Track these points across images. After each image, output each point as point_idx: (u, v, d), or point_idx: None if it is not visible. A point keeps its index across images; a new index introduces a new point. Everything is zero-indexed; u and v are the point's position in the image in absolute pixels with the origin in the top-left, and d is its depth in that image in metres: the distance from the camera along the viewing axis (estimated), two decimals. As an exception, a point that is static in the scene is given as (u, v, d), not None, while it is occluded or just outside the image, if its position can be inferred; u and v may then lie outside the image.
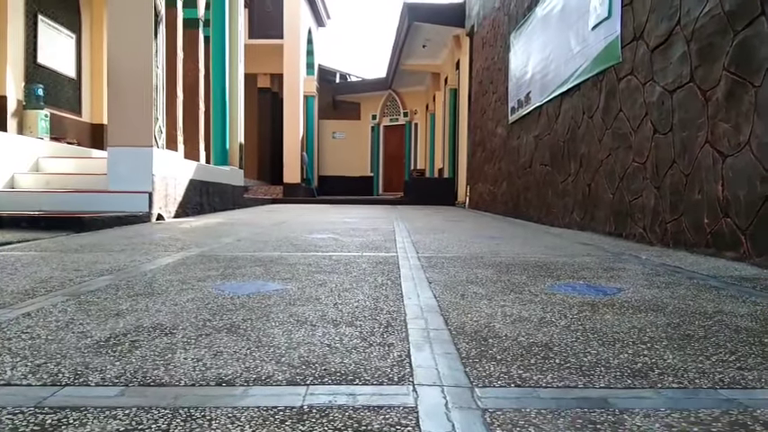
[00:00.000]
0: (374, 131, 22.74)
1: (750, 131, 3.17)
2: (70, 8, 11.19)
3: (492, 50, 9.94)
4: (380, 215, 8.49)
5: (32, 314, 1.86)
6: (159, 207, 6.45)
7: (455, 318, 1.85)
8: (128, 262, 3.07)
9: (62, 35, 10.95)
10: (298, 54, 17.24)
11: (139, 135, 6.29)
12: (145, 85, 6.24)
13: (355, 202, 14.37)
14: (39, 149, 7.51)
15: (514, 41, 8.23)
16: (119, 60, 6.28)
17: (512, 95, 8.37)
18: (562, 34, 6.17)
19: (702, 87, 3.63)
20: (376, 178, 22.80)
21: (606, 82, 5.13)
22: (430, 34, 14.23)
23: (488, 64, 10.24)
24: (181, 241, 4.21)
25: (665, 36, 4.10)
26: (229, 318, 1.81)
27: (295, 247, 3.86)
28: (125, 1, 6.25)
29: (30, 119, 9.71)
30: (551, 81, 6.54)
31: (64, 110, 11.00)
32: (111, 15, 6.37)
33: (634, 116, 4.60)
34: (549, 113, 6.72)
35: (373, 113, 22.64)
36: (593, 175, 5.43)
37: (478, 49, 11.27)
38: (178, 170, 7.09)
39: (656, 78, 4.22)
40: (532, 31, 7.33)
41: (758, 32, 3.13)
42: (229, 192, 9.47)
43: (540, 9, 6.99)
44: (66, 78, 11.11)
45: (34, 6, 10.06)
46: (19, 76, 9.49)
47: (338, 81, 23.09)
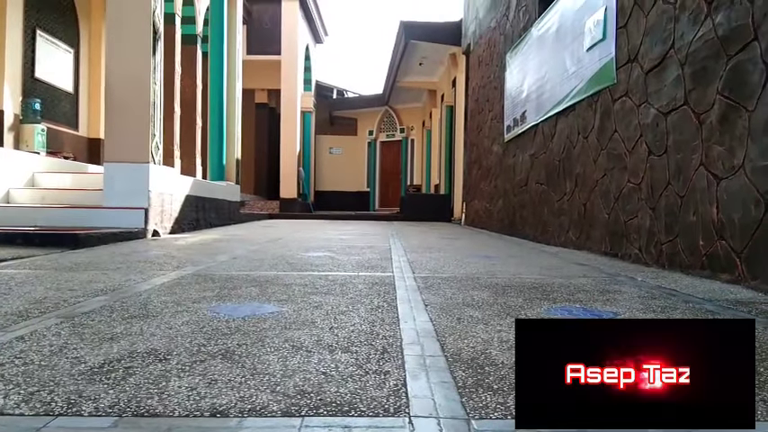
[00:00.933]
0: (371, 147, 22.82)
1: (744, 155, 3.20)
2: (69, 23, 11.25)
3: (488, 69, 10.02)
4: (377, 232, 8.49)
5: (26, 338, 1.84)
6: (155, 223, 6.43)
7: (451, 343, 1.85)
8: (122, 281, 3.06)
9: (60, 50, 10.99)
10: (295, 70, 17.33)
11: (136, 151, 6.29)
12: (142, 101, 6.25)
13: (351, 218, 14.36)
14: (35, 164, 7.50)
15: (510, 61, 8.30)
16: (117, 77, 6.30)
17: (507, 114, 8.42)
18: (558, 54, 6.23)
19: (696, 110, 3.67)
20: (372, 193, 22.83)
21: (601, 103, 5.17)
22: (426, 52, 14.35)
23: (484, 82, 10.32)
24: (176, 259, 4.19)
25: (659, 59, 4.14)
26: (224, 343, 1.80)
27: (291, 266, 3.85)
28: (124, 18, 6.28)
29: (26, 133, 9.71)
30: (547, 100, 6.59)
31: (61, 124, 11.01)
32: (110, 32, 6.40)
33: (629, 137, 4.63)
34: (545, 132, 6.77)
35: (370, 129, 22.73)
36: (588, 195, 5.46)
37: (474, 68, 11.36)
38: (174, 186, 7.08)
39: (651, 100, 4.26)
40: (528, 50, 7.40)
41: (751, 57, 3.17)
42: (225, 207, 9.46)
43: (536, 30, 7.06)
44: (63, 92, 11.13)
45: (33, 21, 10.10)
46: (16, 90, 9.50)
47: (335, 97, 23.21)
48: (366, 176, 22.89)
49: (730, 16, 3.35)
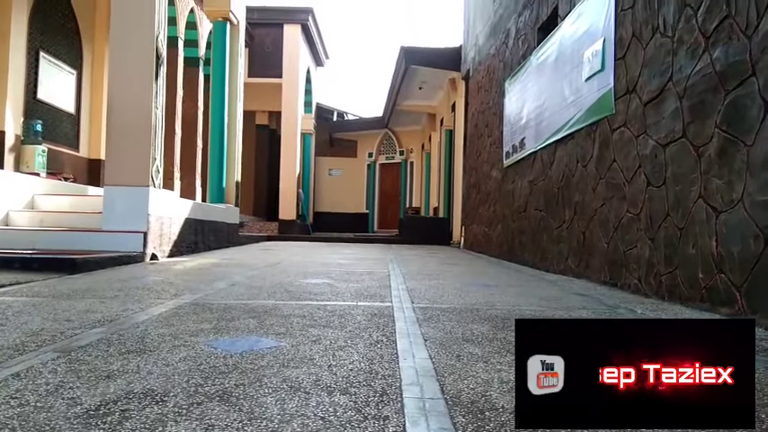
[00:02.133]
0: (370, 169, 22.90)
1: (743, 189, 3.21)
2: (72, 45, 11.34)
3: (487, 95, 10.11)
4: (375, 256, 8.47)
5: (22, 375, 1.83)
6: (153, 247, 6.42)
7: (451, 384, 1.83)
8: (120, 311, 3.04)
9: (63, 71, 11.07)
10: (296, 93, 17.47)
11: (136, 175, 6.31)
12: (144, 125, 6.29)
13: (350, 241, 14.35)
14: (34, 186, 7.51)
15: (509, 88, 8.37)
16: (119, 101, 6.34)
17: (506, 140, 8.47)
18: (556, 83, 6.28)
19: (695, 143, 3.69)
20: (371, 215, 22.85)
21: (600, 132, 5.21)
22: (426, 77, 14.48)
23: (484, 108, 10.39)
24: (174, 286, 4.18)
25: (657, 91, 4.18)
26: (221, 382, 1.78)
27: (289, 295, 3.84)
28: (127, 43, 6.35)
29: (27, 154, 9.74)
30: (546, 128, 6.63)
31: (62, 145, 11.05)
32: (113, 57, 6.46)
33: (627, 167, 4.65)
34: (544, 160, 6.80)
35: (370, 151, 22.84)
36: (587, 223, 5.46)
37: (474, 93, 11.45)
38: (174, 210, 7.09)
39: (649, 132, 4.29)
40: (527, 78, 7.47)
41: (749, 92, 3.19)
42: (224, 230, 9.45)
43: (535, 58, 7.13)
44: (65, 114, 11.18)
45: (37, 44, 10.19)
46: (18, 111, 9.56)
47: (335, 119, 23.36)
48: (365, 198, 22.94)
49: (728, 52, 3.38)
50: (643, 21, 4.43)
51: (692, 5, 3.77)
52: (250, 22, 14.53)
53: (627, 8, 4.71)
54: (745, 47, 3.24)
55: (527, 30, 7.71)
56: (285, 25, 16.93)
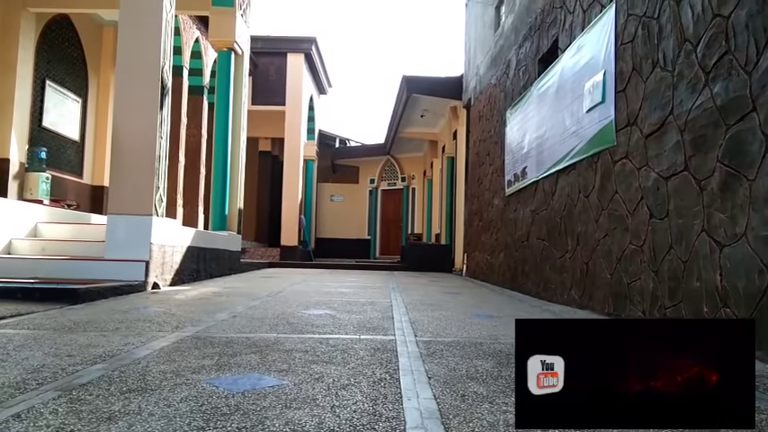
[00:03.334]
0: (372, 195, 22.97)
1: (746, 223, 3.21)
2: (78, 73, 11.50)
3: (488, 124, 10.18)
4: (377, 284, 8.44)
5: (23, 416, 1.81)
6: (155, 275, 6.41)
7: (456, 427, 1.81)
8: (121, 345, 3.02)
9: (68, 99, 11.20)
10: (299, 120, 17.62)
11: (140, 204, 6.33)
12: (148, 155, 6.33)
13: (352, 268, 14.32)
14: (37, 214, 7.53)
15: (510, 117, 8.44)
16: (123, 131, 6.39)
17: (508, 169, 8.50)
18: (557, 114, 6.33)
19: (697, 177, 3.70)
20: (373, 241, 22.84)
21: (601, 164, 5.23)
22: (427, 105, 14.61)
23: (485, 136, 10.46)
24: (175, 317, 4.16)
25: (658, 124, 4.21)
26: (224, 425, 1.76)
27: (292, 327, 3.81)
28: (132, 74, 6.42)
29: (31, 181, 9.80)
30: (547, 158, 6.67)
31: (65, 172, 11.12)
32: (119, 87, 6.53)
33: (630, 199, 4.66)
34: (546, 189, 6.81)
35: (371, 178, 22.93)
36: (590, 254, 5.45)
37: (475, 121, 11.54)
38: (176, 238, 7.09)
39: (651, 164, 4.31)
40: (528, 108, 7.54)
41: (750, 128, 3.22)
42: (226, 257, 9.44)
43: (536, 89, 7.20)
44: (69, 141, 11.29)
45: (43, 73, 10.34)
46: (23, 139, 9.65)
47: (338, 146, 23.50)
48: (367, 224, 22.96)
49: (728, 87, 3.42)
50: (643, 55, 4.49)
51: (691, 41, 3.82)
52: (254, 52, 14.74)
53: (627, 42, 4.78)
54: (746, 82, 3.27)
55: (527, 61, 7.80)
56: (289, 54, 17.16)
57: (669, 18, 4.11)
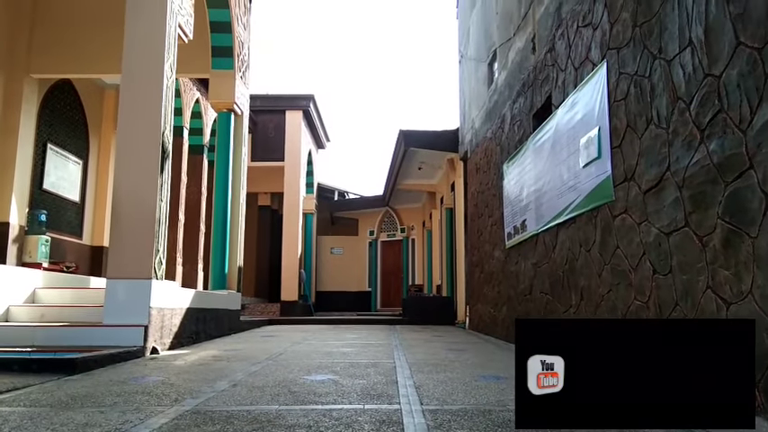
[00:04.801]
0: (372, 247, 22.95)
1: (752, 281, 3.18)
2: (79, 136, 11.67)
3: (486, 176, 10.26)
4: (379, 341, 8.31)
5: None
6: (154, 340, 6.31)
7: None
8: (119, 424, 2.93)
9: (69, 161, 11.32)
10: (298, 175, 17.79)
11: (139, 267, 6.29)
12: (148, 219, 6.34)
13: (353, 322, 14.15)
14: (36, 280, 7.48)
15: (507, 171, 8.51)
16: (123, 194, 6.42)
17: (507, 221, 8.52)
18: (555, 168, 6.38)
19: (698, 233, 3.70)
20: (374, 293, 22.67)
21: (601, 218, 5.23)
22: (425, 158, 14.78)
23: (483, 188, 10.53)
24: (175, 388, 4.06)
25: (656, 180, 4.23)
26: None
27: (294, 397, 3.72)
28: (133, 139, 6.50)
29: (30, 244, 9.79)
30: (546, 211, 6.68)
31: (65, 233, 11.13)
32: (119, 151, 6.60)
33: (632, 254, 4.64)
34: (546, 242, 6.80)
35: (371, 229, 22.97)
36: (594, 309, 5.39)
37: (472, 174, 11.64)
38: (175, 301, 7.02)
39: (651, 220, 4.31)
40: (525, 162, 7.61)
41: (749, 185, 3.23)
42: (226, 317, 9.33)
43: (532, 143, 7.29)
44: (69, 202, 11.34)
45: (45, 136, 10.49)
46: (24, 202, 9.69)
47: (336, 198, 23.66)
48: (367, 276, 22.85)
49: (724, 145, 3.45)
50: (637, 112, 4.56)
51: (684, 99, 3.89)
52: (253, 110, 15.00)
53: (620, 99, 4.86)
54: (741, 141, 3.30)
55: (522, 116, 7.93)
56: (287, 111, 17.49)
57: (661, 77, 4.19)
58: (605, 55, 5.14)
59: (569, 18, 6.08)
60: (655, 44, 4.28)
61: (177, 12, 6.99)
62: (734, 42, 3.37)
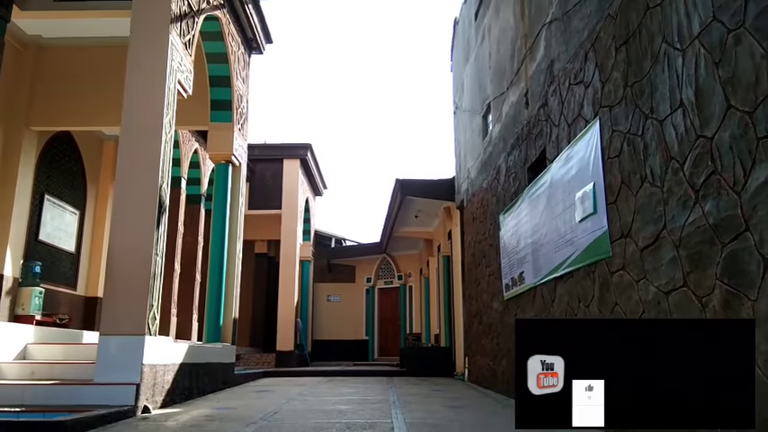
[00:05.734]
0: (369, 294, 22.79)
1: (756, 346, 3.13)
2: (77, 186, 11.68)
3: (482, 226, 10.28)
4: (377, 396, 8.14)
5: None
6: (146, 398, 6.17)
7: None
8: (106, 500, 2.83)
9: (66, 212, 11.31)
10: (295, 222, 17.80)
11: (133, 323, 6.21)
12: (143, 274, 6.29)
13: (350, 374, 13.90)
14: (27, 335, 7.37)
15: (504, 221, 8.53)
16: (119, 249, 6.40)
17: (505, 272, 8.48)
18: (551, 221, 6.40)
19: (697, 293, 3.67)
20: (371, 342, 22.39)
21: (599, 273, 5.21)
22: (421, 206, 14.85)
23: (479, 238, 10.53)
24: (166, 455, 3.94)
25: (652, 238, 4.23)
26: None
27: (288, 465, 3.60)
28: (130, 193, 6.52)
29: (24, 296, 9.67)
30: (543, 264, 6.66)
31: (59, 284, 11.02)
32: (116, 205, 6.60)
33: (631, 311, 4.59)
34: (545, 296, 6.75)
35: (368, 276, 22.86)
36: (595, 366, 5.30)
37: (469, 223, 11.66)
38: (168, 356, 6.90)
39: (649, 278, 4.28)
40: (521, 214, 7.63)
41: (746, 247, 3.22)
42: (219, 371, 9.16)
43: (527, 195, 7.33)
44: (65, 253, 11.27)
45: (42, 187, 10.50)
46: (18, 254, 9.63)
47: (333, 245, 23.64)
48: (365, 324, 22.60)
49: (719, 206, 3.46)
50: (630, 169, 4.60)
51: (677, 159, 3.93)
52: (251, 158, 15.13)
53: (613, 156, 4.91)
54: (736, 202, 3.31)
55: (517, 168, 8.00)
56: (285, 160, 17.64)
57: (653, 136, 4.25)
58: (597, 112, 5.22)
59: (561, 75, 6.21)
60: (646, 104, 4.35)
61: (177, 69, 7.12)
62: (724, 105, 3.43)
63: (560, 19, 6.25)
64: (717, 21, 3.50)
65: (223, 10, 9.28)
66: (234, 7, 9.76)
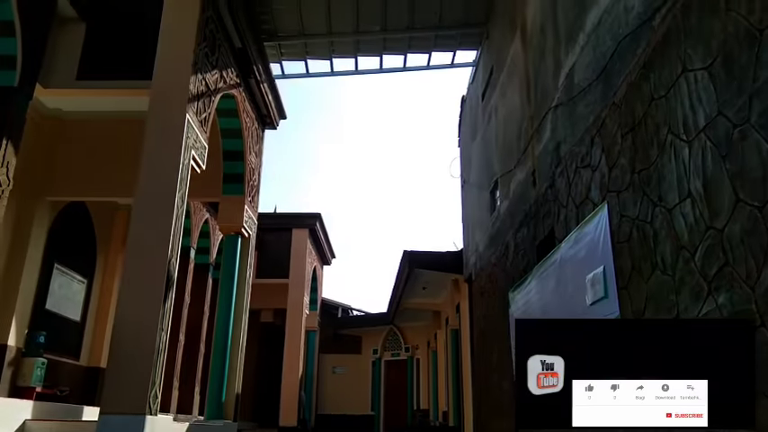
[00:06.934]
0: (375, 366, 22.31)
1: (777, 449, 3.01)
2: (87, 254, 11.71)
3: (491, 300, 10.16)
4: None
5: None
6: (143, 482, 5.95)
7: None
8: None
9: (74, 281, 11.30)
10: (302, 292, 17.73)
11: (134, 401, 6.08)
12: (147, 350, 6.22)
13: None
14: (26, 411, 7.23)
15: (513, 299, 8.43)
16: (125, 325, 6.37)
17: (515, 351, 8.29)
18: (561, 303, 6.32)
19: (715, 389, 3.56)
20: (377, 417, 21.73)
21: (612, 360, 5.08)
22: (429, 278, 14.76)
23: (488, 313, 10.39)
24: None
25: (666, 327, 4.15)
26: None
27: None
28: (139, 269, 6.55)
29: (26, 367, 9.51)
30: (555, 346, 6.52)
31: (62, 354, 10.87)
32: (125, 280, 6.62)
33: (647, 402, 4.45)
34: (556, 378, 6.57)
35: (375, 348, 22.47)
36: (611, 458, 5.08)
37: (477, 297, 11.54)
38: (168, 436, 6.71)
39: (665, 368, 4.17)
40: (530, 292, 7.55)
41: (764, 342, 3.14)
42: (220, 449, 8.88)
43: (537, 273, 7.28)
44: (70, 322, 11.18)
45: (52, 256, 10.52)
46: (24, 323, 9.56)
47: (340, 315, 23.40)
48: (370, 398, 22.00)
49: (732, 299, 3.41)
50: (641, 256, 4.57)
51: (688, 248, 3.91)
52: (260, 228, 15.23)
53: (623, 241, 4.90)
54: (750, 296, 3.26)
55: (526, 245, 7.99)
56: (294, 230, 17.78)
57: (663, 224, 4.25)
58: (605, 197, 5.25)
59: (568, 158, 6.30)
60: (654, 192, 4.38)
61: (192, 145, 7.31)
62: (733, 198, 3.44)
63: (566, 104, 6.41)
64: (722, 115, 3.58)
65: (239, 88, 9.61)
66: (249, 85, 10.10)
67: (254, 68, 9.81)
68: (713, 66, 3.68)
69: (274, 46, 11.17)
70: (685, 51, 4.00)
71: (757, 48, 3.28)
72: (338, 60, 12.11)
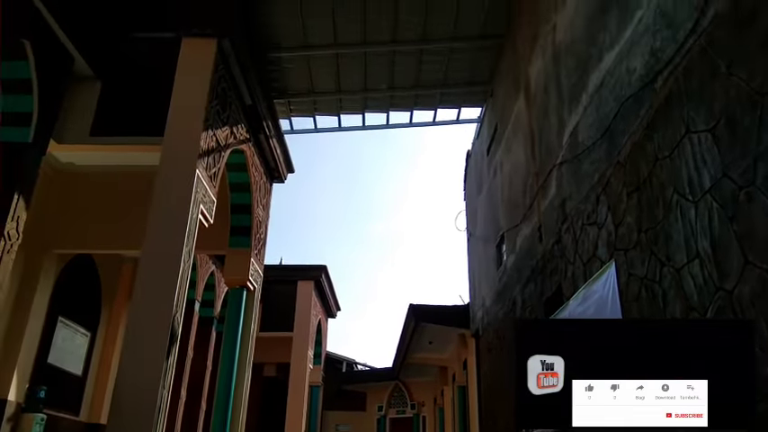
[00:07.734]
0: (380, 424, 21.75)
1: None
2: (91, 307, 11.62)
3: (499, 357, 9.99)
4: None
5: None
6: None
7: None
8: None
9: (78, 334, 11.19)
10: (306, 346, 17.47)
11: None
12: (148, 408, 6.10)
13: None
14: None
15: (522, 356, 8.29)
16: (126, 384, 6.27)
17: (524, 411, 8.09)
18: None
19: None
20: (382, 481, 21.02)
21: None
22: (435, 332, 14.58)
23: (496, 368, 10.19)
24: None
25: (679, 390, 4.06)
26: None
27: None
28: (143, 324, 6.50)
29: (25, 422, 9.32)
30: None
31: (62, 410, 10.65)
32: (129, 336, 6.56)
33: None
34: (567, 441, 6.38)
35: (379, 404, 21.97)
36: None
37: (485, 352, 11.35)
38: (167, 499, 6.50)
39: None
40: (540, 349, 7.43)
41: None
42: None
43: (546, 331, 7.18)
44: (72, 377, 11.01)
45: (57, 309, 10.44)
46: (25, 378, 9.41)
47: (345, 369, 22.98)
48: (375, 458, 21.37)
49: (745, 363, 3.34)
50: (651, 315, 4.51)
51: (698, 310, 3.87)
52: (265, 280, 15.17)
53: (632, 300, 4.85)
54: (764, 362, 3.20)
55: (533, 301, 7.92)
56: (299, 282, 17.67)
57: (672, 284, 4.21)
58: (613, 254, 5.24)
59: (574, 214, 6.32)
60: (662, 251, 4.37)
61: (201, 200, 7.37)
62: (742, 260, 3.42)
63: (570, 161, 6.48)
64: (727, 177, 3.60)
65: (249, 143, 9.78)
66: (259, 140, 10.28)
67: (263, 124, 10.00)
68: (716, 128, 3.73)
69: (284, 103, 11.44)
70: (688, 113, 4.07)
71: (760, 111, 3.34)
72: (346, 116, 12.36)
